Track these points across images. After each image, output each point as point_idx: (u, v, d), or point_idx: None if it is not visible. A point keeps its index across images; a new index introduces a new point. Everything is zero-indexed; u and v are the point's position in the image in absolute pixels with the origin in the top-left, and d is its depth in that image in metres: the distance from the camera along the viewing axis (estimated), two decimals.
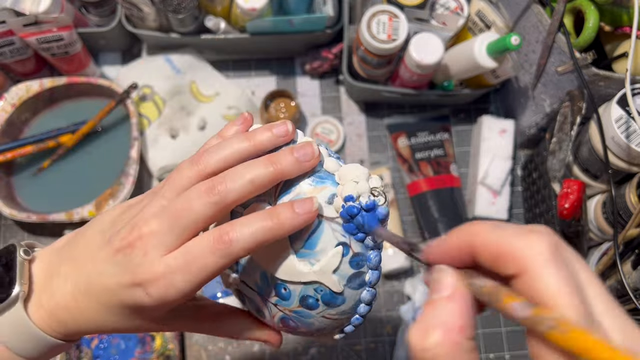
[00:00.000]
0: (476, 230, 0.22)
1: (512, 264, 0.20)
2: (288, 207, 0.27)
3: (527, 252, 0.20)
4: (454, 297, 0.21)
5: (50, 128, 0.68)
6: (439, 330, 0.20)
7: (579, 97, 0.56)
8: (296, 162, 0.28)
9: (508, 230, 0.21)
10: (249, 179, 0.27)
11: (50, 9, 0.60)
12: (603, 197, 0.60)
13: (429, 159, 0.70)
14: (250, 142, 0.29)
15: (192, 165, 0.29)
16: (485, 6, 0.63)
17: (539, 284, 0.19)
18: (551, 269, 0.19)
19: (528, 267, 0.20)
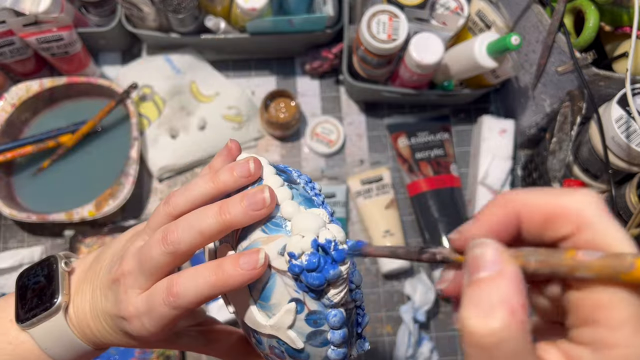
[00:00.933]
0: (514, 198, 0.20)
1: (567, 222, 0.19)
2: (233, 262, 0.27)
3: (585, 206, 0.19)
4: (505, 273, 0.19)
5: (50, 128, 0.68)
6: (503, 310, 0.18)
7: (579, 97, 0.56)
8: (245, 212, 0.27)
9: (553, 192, 0.20)
10: (198, 230, 0.27)
11: (50, 9, 0.60)
12: (603, 197, 0.60)
13: (429, 159, 0.70)
14: (214, 183, 0.29)
15: (165, 205, 0.30)
16: (485, 6, 0.63)
17: (602, 235, 0.18)
18: (610, 220, 0.19)
19: (588, 221, 0.19)
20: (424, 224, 0.69)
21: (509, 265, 0.19)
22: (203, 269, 0.28)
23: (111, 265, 0.31)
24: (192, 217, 0.28)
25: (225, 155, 0.31)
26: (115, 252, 0.33)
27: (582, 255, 0.18)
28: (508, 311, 0.18)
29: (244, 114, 0.72)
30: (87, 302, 0.32)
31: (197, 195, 0.29)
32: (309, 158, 0.73)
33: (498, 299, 0.18)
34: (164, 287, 0.28)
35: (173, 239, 0.28)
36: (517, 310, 0.18)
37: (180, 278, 0.28)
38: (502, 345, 0.17)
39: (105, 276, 0.31)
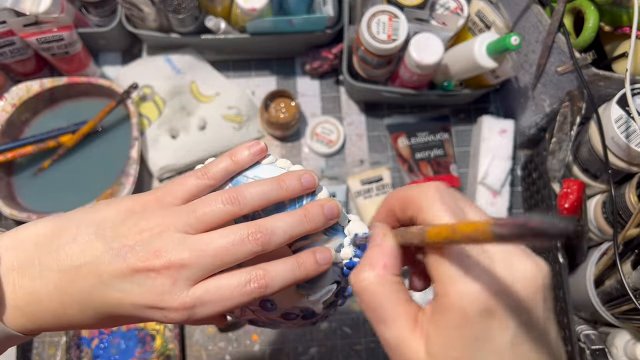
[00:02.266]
0: (390, 195, 0.29)
1: (412, 207, 0.27)
2: (311, 257, 0.31)
3: (421, 196, 0.27)
4: (381, 244, 0.28)
5: (50, 128, 0.68)
6: (368, 267, 0.27)
7: (579, 97, 0.56)
8: (325, 221, 0.32)
9: (410, 186, 0.28)
10: (290, 236, 0.30)
11: (50, 9, 0.60)
12: (603, 197, 0.60)
13: (429, 159, 0.71)
14: (284, 190, 0.31)
15: (227, 204, 0.30)
16: (485, 6, 0.63)
17: (427, 214, 0.26)
18: (436, 203, 0.26)
19: (421, 205, 0.26)
20: None
21: (384, 239, 0.28)
22: (285, 264, 0.30)
23: (122, 252, 0.28)
24: (284, 224, 0.30)
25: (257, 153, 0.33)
26: (105, 232, 0.29)
27: (412, 229, 0.26)
28: (370, 267, 0.27)
29: (244, 114, 0.72)
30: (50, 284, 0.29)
31: (266, 197, 0.31)
32: (309, 158, 0.73)
33: (368, 260, 0.27)
34: (243, 279, 0.29)
35: (265, 240, 0.29)
36: (377, 268, 0.27)
37: (268, 271, 0.30)
38: (365, 290, 0.27)
39: (109, 262, 0.28)
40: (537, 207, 0.65)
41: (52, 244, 0.29)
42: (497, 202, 0.68)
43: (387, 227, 0.29)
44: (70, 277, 0.29)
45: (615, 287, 0.54)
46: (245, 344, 0.65)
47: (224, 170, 0.32)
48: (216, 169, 0.32)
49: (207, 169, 0.32)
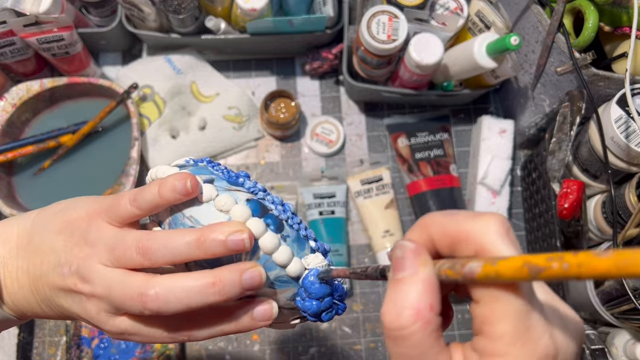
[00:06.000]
0: (430, 222, 0.23)
1: (471, 245, 0.21)
2: (248, 316, 0.29)
3: (484, 231, 0.21)
4: (418, 275, 0.22)
5: (50, 128, 0.68)
6: (412, 309, 0.21)
7: (579, 98, 0.56)
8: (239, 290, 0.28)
9: (461, 216, 0.22)
10: (187, 306, 0.27)
11: (50, 10, 0.60)
12: (602, 197, 0.60)
13: (429, 159, 0.71)
14: (202, 252, 0.28)
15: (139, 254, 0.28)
16: (484, 6, 0.63)
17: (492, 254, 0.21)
18: (505, 245, 0.21)
19: (485, 246, 0.21)
20: None
21: (422, 268, 0.22)
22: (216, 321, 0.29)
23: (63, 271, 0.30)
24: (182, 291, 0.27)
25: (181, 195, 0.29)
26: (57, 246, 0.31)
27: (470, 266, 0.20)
28: (415, 311, 0.21)
29: (244, 114, 0.72)
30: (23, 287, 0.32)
31: (179, 256, 0.28)
32: (309, 158, 0.73)
33: (409, 298, 0.21)
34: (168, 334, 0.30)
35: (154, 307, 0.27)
36: (423, 311, 0.21)
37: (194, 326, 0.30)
38: (408, 339, 0.21)
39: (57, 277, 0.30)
40: (537, 207, 0.65)
41: (25, 248, 0.32)
42: (497, 202, 0.68)
43: (424, 250, 0.22)
44: (35, 284, 0.31)
45: (615, 287, 0.54)
46: (245, 343, 0.65)
47: (152, 203, 0.29)
48: (143, 199, 0.29)
49: (137, 195, 0.29)
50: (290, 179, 0.72)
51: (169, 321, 0.30)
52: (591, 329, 0.61)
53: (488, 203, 0.68)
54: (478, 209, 0.67)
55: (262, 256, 0.28)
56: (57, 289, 0.30)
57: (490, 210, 0.67)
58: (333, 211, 0.69)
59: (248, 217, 0.28)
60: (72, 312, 0.31)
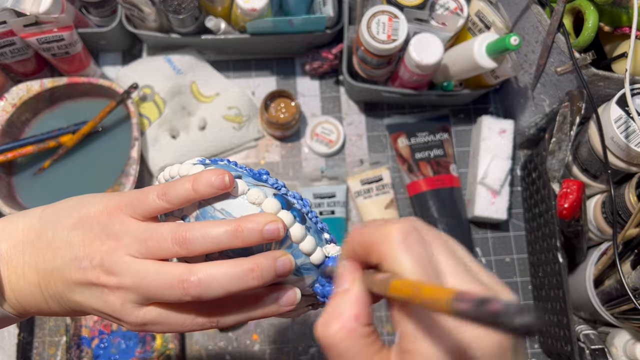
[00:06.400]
0: (352, 234, 0.25)
1: (376, 253, 0.23)
2: (274, 302, 0.31)
3: (382, 241, 0.23)
4: (350, 289, 0.24)
5: (50, 128, 0.68)
6: (337, 320, 0.24)
7: (579, 97, 0.56)
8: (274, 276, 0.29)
9: (370, 226, 0.24)
10: (227, 291, 0.29)
11: (50, 10, 0.60)
12: (602, 197, 0.60)
13: (429, 159, 0.71)
14: (240, 240, 0.29)
15: (175, 244, 0.29)
16: (484, 6, 0.63)
17: (393, 264, 0.22)
18: (401, 252, 0.22)
19: (385, 254, 0.23)
20: None
21: (354, 284, 0.25)
22: (246, 306, 0.30)
23: (82, 265, 0.30)
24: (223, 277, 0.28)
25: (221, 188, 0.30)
26: (74, 240, 0.31)
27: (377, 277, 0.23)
28: (339, 321, 0.23)
29: (244, 114, 0.72)
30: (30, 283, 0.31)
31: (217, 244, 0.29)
32: (309, 158, 0.73)
33: (337, 310, 0.24)
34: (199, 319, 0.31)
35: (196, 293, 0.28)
36: (347, 321, 0.23)
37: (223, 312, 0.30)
38: (335, 347, 0.23)
39: (74, 272, 0.30)
40: (537, 207, 0.65)
41: (33, 244, 0.32)
42: (497, 202, 0.68)
43: (356, 269, 0.25)
44: (46, 279, 0.31)
45: (615, 287, 0.54)
46: (245, 343, 0.65)
47: (184, 197, 0.30)
48: (175, 193, 0.30)
49: (167, 189, 0.30)
50: (290, 179, 0.72)
51: (202, 307, 0.30)
52: (591, 329, 0.61)
53: (488, 203, 0.68)
54: (478, 209, 0.67)
55: (290, 245, 0.30)
56: (73, 284, 0.30)
57: (489, 211, 0.67)
58: (333, 211, 0.69)
59: (278, 210, 0.30)
60: (88, 306, 0.31)
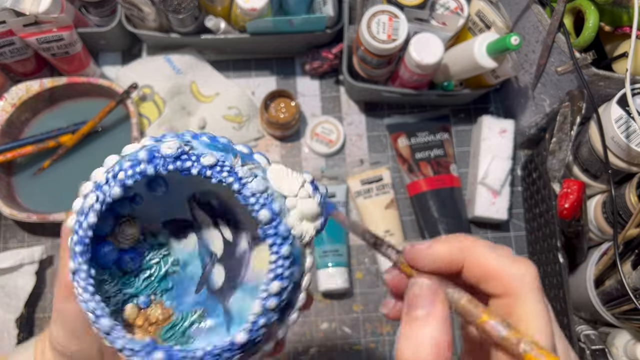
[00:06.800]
0: (470, 246, 0.23)
1: (500, 286, 0.22)
2: None
3: (519, 278, 0.22)
4: (437, 313, 0.22)
5: (50, 128, 0.68)
6: (431, 347, 0.21)
7: (579, 97, 0.56)
8: None
9: (500, 252, 0.23)
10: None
11: (50, 9, 0.60)
12: (603, 197, 0.60)
13: (429, 159, 0.71)
14: None
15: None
16: (485, 6, 0.63)
17: (521, 308, 0.21)
18: (534, 298, 0.21)
19: (514, 291, 0.21)
20: (423, 224, 0.69)
21: (439, 307, 0.22)
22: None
23: None
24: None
25: None
26: None
27: (492, 325, 0.21)
28: (435, 348, 0.21)
29: (244, 114, 0.72)
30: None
31: None
32: (309, 158, 0.73)
33: (428, 337, 0.21)
34: None
35: None
36: (443, 348, 0.21)
37: None
38: None
39: None
40: (537, 208, 0.65)
41: None
42: (497, 202, 0.68)
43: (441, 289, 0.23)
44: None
45: (616, 287, 0.54)
46: None
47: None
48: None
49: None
50: None
51: None
52: (592, 329, 0.61)
53: (488, 203, 0.68)
54: (478, 209, 0.67)
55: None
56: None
57: (489, 211, 0.67)
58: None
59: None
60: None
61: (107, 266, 0.31)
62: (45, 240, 0.68)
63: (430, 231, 0.68)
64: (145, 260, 0.32)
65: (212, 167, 0.27)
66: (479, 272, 0.23)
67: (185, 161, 0.27)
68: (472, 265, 0.23)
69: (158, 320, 0.31)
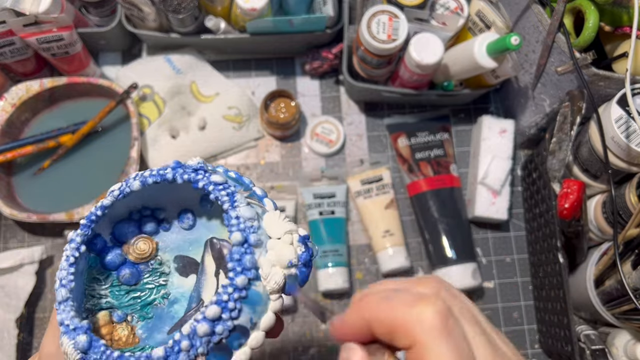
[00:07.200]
0: (366, 307, 0.22)
1: (404, 337, 0.21)
2: None
3: (417, 324, 0.20)
4: None
5: (50, 128, 0.68)
6: None
7: (579, 97, 0.56)
8: None
9: (396, 302, 0.21)
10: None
11: (50, 9, 0.60)
12: (603, 197, 0.60)
13: (429, 159, 0.71)
14: None
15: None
16: (485, 6, 0.63)
17: (428, 355, 0.20)
18: (441, 341, 0.20)
19: (418, 339, 0.20)
20: (423, 224, 0.69)
21: None
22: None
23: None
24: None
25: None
26: None
27: None
28: None
29: (244, 114, 0.72)
30: None
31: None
32: (309, 158, 0.73)
33: None
34: None
35: None
36: None
37: None
38: None
39: None
40: (537, 208, 0.65)
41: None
42: (497, 202, 0.68)
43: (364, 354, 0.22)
44: None
45: (616, 287, 0.54)
46: None
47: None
48: None
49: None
50: (290, 179, 0.72)
51: None
52: (592, 329, 0.61)
53: (488, 203, 0.68)
54: (478, 209, 0.67)
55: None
56: None
57: (489, 211, 0.67)
58: (333, 211, 0.68)
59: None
60: None
61: (109, 268, 0.32)
62: (45, 240, 0.68)
63: (430, 231, 0.68)
64: (142, 281, 0.33)
65: (216, 185, 0.28)
66: (383, 330, 0.22)
67: (198, 174, 0.29)
68: (376, 326, 0.22)
69: (120, 340, 0.31)
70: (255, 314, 0.27)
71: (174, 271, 0.33)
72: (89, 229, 0.29)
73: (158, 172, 0.30)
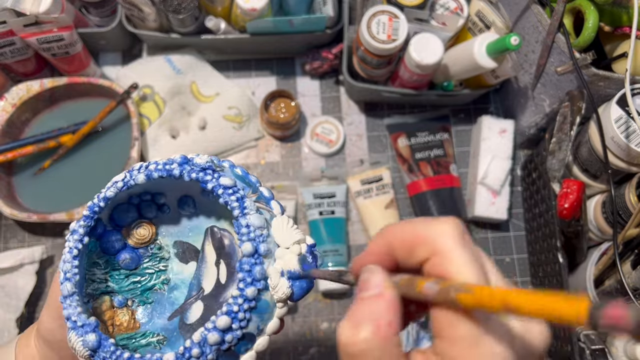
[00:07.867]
0: (390, 229, 0.24)
1: (424, 248, 0.22)
2: None
3: (438, 235, 0.22)
4: (382, 295, 0.22)
5: (50, 128, 0.68)
6: (370, 325, 0.21)
7: (579, 97, 0.56)
8: None
9: (418, 221, 0.23)
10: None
11: (50, 9, 0.60)
12: (603, 197, 0.60)
13: (429, 159, 0.71)
14: None
15: None
16: (485, 6, 0.63)
17: (448, 261, 0.21)
18: (459, 248, 0.21)
19: (438, 248, 0.21)
20: None
21: (388, 289, 0.22)
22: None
23: None
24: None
25: None
26: None
27: (426, 287, 0.21)
28: (373, 326, 0.21)
29: (244, 114, 0.72)
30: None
31: None
32: (309, 158, 0.73)
33: (368, 315, 0.21)
34: None
35: None
36: (382, 327, 0.21)
37: None
38: (364, 355, 0.21)
39: None
40: (537, 207, 0.65)
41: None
42: (497, 202, 0.68)
43: (386, 274, 0.23)
44: None
45: (615, 287, 0.54)
46: None
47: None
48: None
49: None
50: (290, 179, 0.72)
51: None
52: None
53: (488, 203, 0.68)
54: (478, 209, 0.67)
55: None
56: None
57: (489, 211, 0.67)
58: (333, 211, 0.68)
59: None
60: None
61: (108, 252, 0.32)
62: (45, 240, 0.68)
63: None
64: (142, 266, 0.33)
65: (225, 188, 0.28)
66: (404, 246, 0.23)
67: (207, 174, 0.28)
68: (398, 244, 0.23)
69: (122, 325, 0.31)
70: (263, 322, 0.27)
71: (173, 257, 0.33)
72: (92, 220, 0.29)
73: (164, 167, 0.29)
